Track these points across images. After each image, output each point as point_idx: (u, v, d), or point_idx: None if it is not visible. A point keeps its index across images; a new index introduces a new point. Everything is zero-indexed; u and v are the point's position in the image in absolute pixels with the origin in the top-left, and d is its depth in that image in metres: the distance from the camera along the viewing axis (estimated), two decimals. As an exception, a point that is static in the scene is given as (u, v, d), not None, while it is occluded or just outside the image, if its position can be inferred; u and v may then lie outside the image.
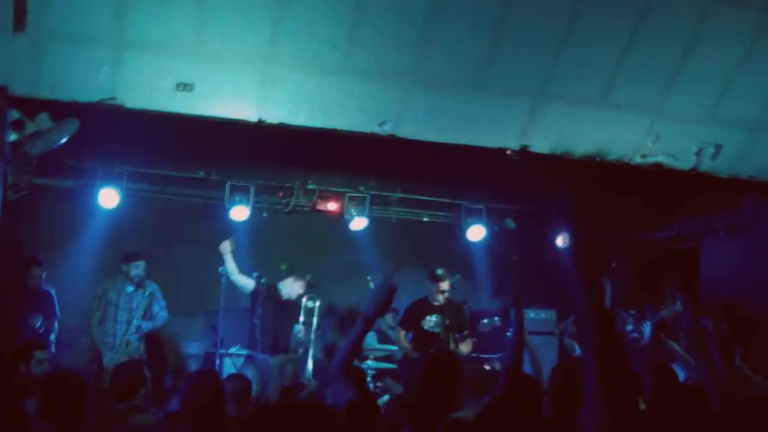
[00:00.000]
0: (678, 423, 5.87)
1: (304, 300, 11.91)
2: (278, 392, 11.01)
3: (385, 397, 11.52)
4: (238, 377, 8.09)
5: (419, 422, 5.35)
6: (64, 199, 12.34)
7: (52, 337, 11.33)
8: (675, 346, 10.78)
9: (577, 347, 11.94)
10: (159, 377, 10.63)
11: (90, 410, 6.64)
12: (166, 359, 12.45)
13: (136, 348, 11.29)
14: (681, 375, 10.02)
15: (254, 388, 9.07)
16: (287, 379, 11.42)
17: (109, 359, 11.04)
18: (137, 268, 11.52)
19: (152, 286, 11.68)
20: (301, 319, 11.86)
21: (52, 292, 11.61)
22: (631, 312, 11.81)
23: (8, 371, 9.04)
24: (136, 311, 11.45)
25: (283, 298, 11.91)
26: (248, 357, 11.68)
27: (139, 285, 11.53)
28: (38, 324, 11.11)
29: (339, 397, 5.33)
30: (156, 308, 11.75)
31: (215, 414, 6.07)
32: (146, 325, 11.56)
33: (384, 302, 5.38)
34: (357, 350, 6.33)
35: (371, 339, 12.92)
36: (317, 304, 11.97)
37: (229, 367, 11.51)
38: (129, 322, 11.40)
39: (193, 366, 12.33)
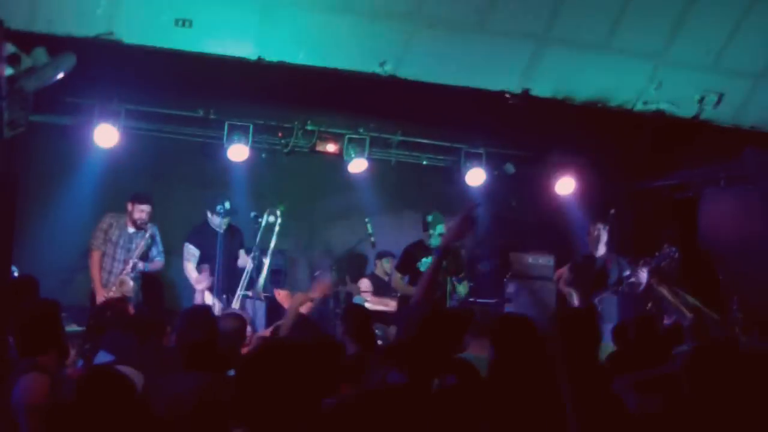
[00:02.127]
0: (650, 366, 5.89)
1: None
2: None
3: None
4: (233, 316, 8.07)
5: (417, 363, 5.29)
6: (61, 136, 12.23)
7: None
8: (665, 292, 10.78)
9: (574, 295, 11.91)
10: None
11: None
12: (163, 299, 12.41)
13: (130, 288, 11.23)
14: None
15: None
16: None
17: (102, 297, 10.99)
18: (142, 212, 11.46)
19: (153, 229, 11.61)
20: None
21: None
22: (628, 259, 11.78)
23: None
24: (134, 251, 11.39)
25: None
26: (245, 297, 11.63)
27: (140, 227, 11.47)
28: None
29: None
30: (154, 252, 11.71)
31: (209, 349, 6.05)
32: (142, 266, 11.52)
33: (461, 232, 5.37)
34: (435, 281, 6.29)
35: (365, 285, 12.93)
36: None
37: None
38: (126, 262, 11.35)
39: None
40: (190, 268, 11.69)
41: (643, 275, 11.27)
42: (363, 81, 11.10)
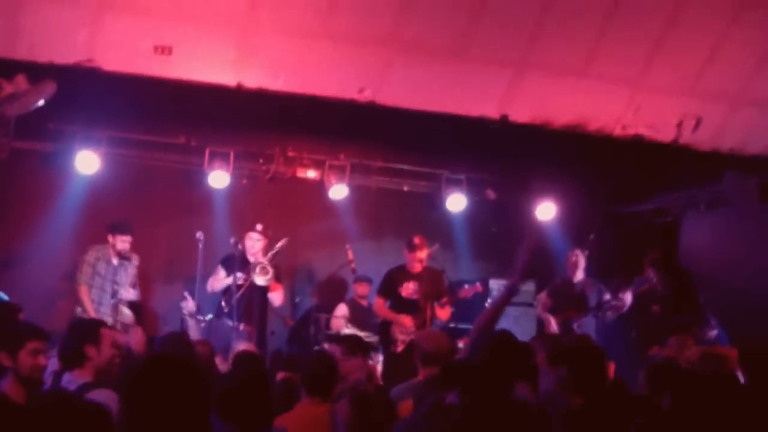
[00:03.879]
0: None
1: None
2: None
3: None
4: (202, 343, 8.14)
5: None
6: (43, 162, 12.24)
7: None
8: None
9: (553, 321, 11.99)
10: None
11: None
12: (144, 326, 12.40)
13: (128, 316, 11.23)
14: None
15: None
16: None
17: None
18: (124, 243, 11.48)
19: (135, 262, 11.68)
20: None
21: None
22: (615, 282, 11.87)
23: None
24: (121, 282, 11.41)
25: None
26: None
27: (124, 257, 11.49)
28: None
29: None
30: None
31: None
32: (134, 295, 11.54)
33: (528, 268, 5.40)
34: (498, 315, 6.39)
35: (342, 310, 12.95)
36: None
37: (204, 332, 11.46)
38: (114, 294, 11.36)
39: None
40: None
41: (628, 297, 11.35)
42: (343, 107, 11.18)
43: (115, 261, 11.52)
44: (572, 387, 5.60)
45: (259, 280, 11.57)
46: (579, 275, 12.03)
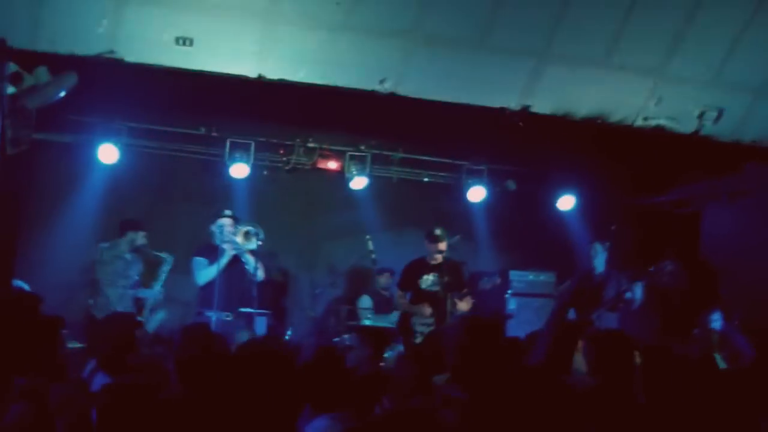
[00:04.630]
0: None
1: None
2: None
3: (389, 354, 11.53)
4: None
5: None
6: (64, 154, 12.30)
7: None
8: None
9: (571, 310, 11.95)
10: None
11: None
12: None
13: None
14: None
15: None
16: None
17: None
18: (137, 238, 11.52)
19: (168, 259, 11.68)
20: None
21: None
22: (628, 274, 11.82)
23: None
24: (135, 278, 11.44)
25: None
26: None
27: (141, 252, 11.52)
28: None
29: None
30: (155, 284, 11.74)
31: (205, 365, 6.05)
32: (144, 293, 11.55)
33: (579, 291, 5.40)
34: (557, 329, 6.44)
35: (365, 302, 12.93)
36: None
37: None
38: (128, 288, 11.39)
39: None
40: None
41: (638, 291, 11.30)
42: (363, 98, 11.14)
43: (128, 256, 11.54)
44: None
45: (250, 245, 11.41)
46: (600, 267, 12.02)
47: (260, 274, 11.40)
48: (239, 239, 11.29)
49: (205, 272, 11.32)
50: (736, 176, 12.71)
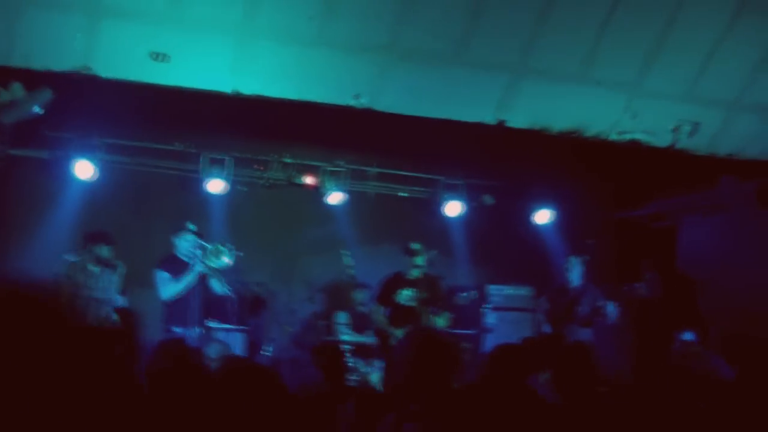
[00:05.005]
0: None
1: None
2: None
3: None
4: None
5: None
6: (40, 170, 12.25)
7: None
8: None
9: (544, 324, 12.04)
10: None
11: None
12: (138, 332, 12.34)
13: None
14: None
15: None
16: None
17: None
18: (101, 251, 11.40)
19: (121, 270, 11.59)
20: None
21: None
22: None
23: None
24: (108, 289, 11.36)
25: None
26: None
27: (107, 265, 11.42)
28: None
29: None
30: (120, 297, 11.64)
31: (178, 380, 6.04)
32: (121, 301, 11.47)
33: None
34: None
35: (342, 317, 12.90)
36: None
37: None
38: (102, 302, 11.32)
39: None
40: None
41: (611, 308, 11.28)
42: (339, 113, 11.15)
43: (95, 269, 11.45)
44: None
45: (221, 262, 11.18)
46: (575, 282, 12.04)
47: (218, 287, 11.21)
48: (208, 257, 11.12)
49: (170, 287, 11.13)
50: (712, 190, 12.76)
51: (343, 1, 10.13)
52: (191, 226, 11.28)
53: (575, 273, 12.01)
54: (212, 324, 11.24)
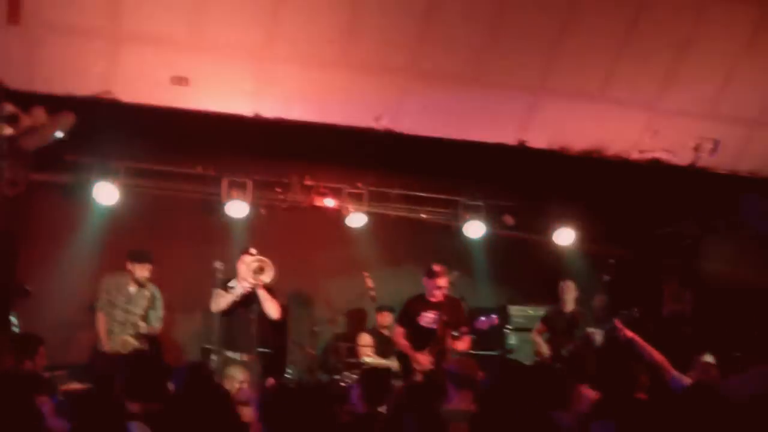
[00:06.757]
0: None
1: None
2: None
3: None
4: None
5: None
6: (61, 194, 12.31)
7: None
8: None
9: (543, 345, 12.14)
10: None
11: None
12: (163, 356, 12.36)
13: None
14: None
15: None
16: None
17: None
18: (143, 270, 11.44)
19: (155, 292, 11.60)
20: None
21: None
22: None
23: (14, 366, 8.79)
24: (135, 312, 11.37)
25: None
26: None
27: (142, 285, 11.46)
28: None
29: None
30: (152, 316, 11.62)
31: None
32: (143, 328, 11.47)
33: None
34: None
35: (365, 339, 12.91)
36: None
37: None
38: (126, 323, 11.33)
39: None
40: None
41: (598, 337, 11.29)
42: (360, 135, 11.16)
43: (131, 289, 11.49)
44: None
45: (265, 277, 11.23)
46: (569, 307, 12.19)
47: (273, 312, 11.28)
48: (251, 276, 11.15)
49: (218, 300, 11.21)
50: (733, 208, 12.72)
51: (364, 23, 10.15)
52: (251, 250, 11.33)
53: (569, 297, 12.16)
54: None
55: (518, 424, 5.14)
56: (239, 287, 11.02)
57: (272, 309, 11.21)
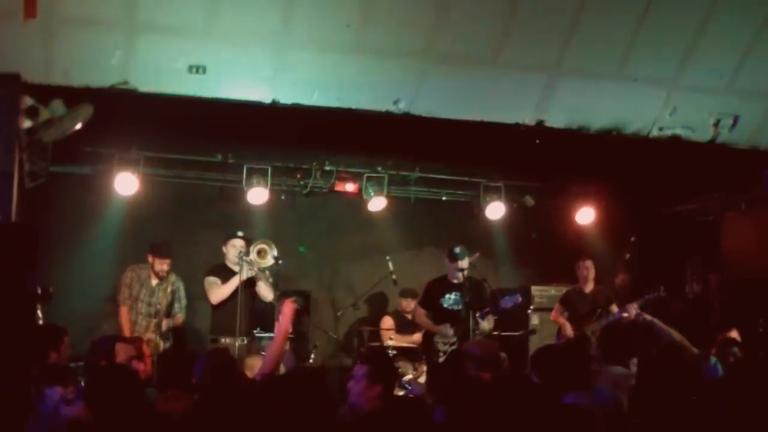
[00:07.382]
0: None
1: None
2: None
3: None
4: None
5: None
6: (82, 186, 12.39)
7: None
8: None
9: (568, 327, 12.14)
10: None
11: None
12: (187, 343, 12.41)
13: (155, 347, 11.20)
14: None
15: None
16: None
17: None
18: (162, 264, 11.49)
19: (177, 283, 11.66)
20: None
21: None
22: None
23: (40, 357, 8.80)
24: (157, 306, 11.41)
25: None
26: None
27: (162, 278, 11.50)
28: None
29: None
30: (176, 307, 11.68)
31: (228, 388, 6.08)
32: (166, 325, 11.50)
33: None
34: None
35: (388, 322, 12.93)
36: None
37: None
38: (150, 316, 11.37)
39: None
40: None
41: (633, 310, 11.30)
42: (378, 119, 11.13)
43: (153, 282, 11.54)
44: None
45: (265, 262, 11.34)
46: (589, 286, 12.19)
47: (268, 294, 11.36)
48: (253, 257, 11.24)
49: (219, 291, 11.31)
50: (753, 183, 12.67)
51: (379, 7, 10.10)
52: (239, 233, 11.41)
53: (590, 278, 12.18)
54: (259, 334, 11.28)
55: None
56: (246, 271, 11.09)
57: (267, 291, 11.29)
